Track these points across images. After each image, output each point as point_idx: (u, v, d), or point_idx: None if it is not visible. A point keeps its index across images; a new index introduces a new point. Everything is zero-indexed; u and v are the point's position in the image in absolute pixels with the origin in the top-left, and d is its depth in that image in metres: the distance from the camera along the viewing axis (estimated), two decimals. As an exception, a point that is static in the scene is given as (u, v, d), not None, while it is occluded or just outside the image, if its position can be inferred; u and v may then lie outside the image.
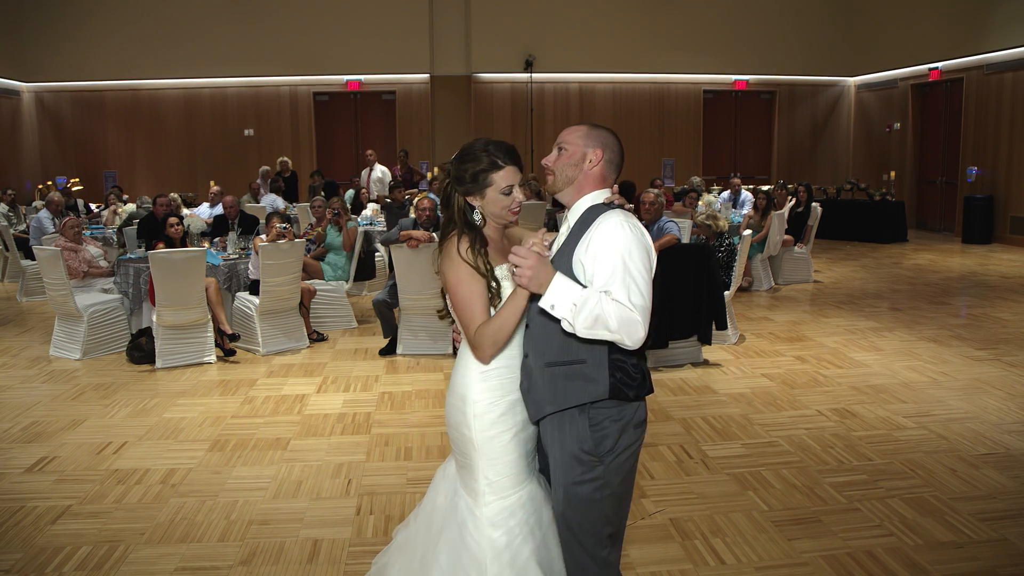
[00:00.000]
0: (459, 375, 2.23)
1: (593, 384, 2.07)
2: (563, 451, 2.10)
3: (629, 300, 1.97)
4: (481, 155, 2.19)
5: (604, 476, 2.08)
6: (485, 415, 2.17)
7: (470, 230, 2.20)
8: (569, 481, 2.09)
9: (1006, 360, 5.96)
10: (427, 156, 15.09)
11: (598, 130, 2.19)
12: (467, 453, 2.21)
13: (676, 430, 4.63)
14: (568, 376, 2.08)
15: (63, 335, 6.57)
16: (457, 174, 2.21)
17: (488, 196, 2.20)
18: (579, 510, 2.09)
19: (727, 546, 3.31)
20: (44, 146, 15.24)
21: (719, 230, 7.31)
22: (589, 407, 2.08)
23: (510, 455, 2.18)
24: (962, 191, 13.38)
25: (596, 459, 2.07)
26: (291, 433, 4.71)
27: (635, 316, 1.96)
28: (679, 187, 13.11)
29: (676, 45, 15.47)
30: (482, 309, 2.14)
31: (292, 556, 3.29)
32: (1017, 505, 3.63)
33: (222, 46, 14.68)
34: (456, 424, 2.22)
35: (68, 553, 3.34)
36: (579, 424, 2.08)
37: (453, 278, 2.16)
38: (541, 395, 2.12)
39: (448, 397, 2.28)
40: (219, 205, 9.63)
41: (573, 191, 2.17)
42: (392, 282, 6.49)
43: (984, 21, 12.69)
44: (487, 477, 2.18)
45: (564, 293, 1.97)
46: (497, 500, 2.18)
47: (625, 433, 2.10)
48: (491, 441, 2.17)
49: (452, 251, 2.17)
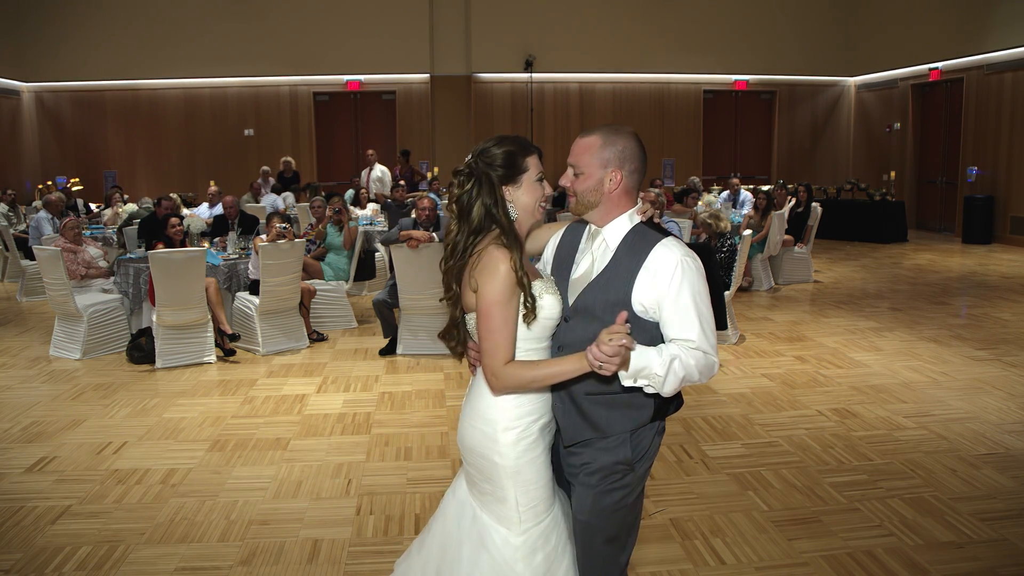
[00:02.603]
0: (486, 399, 2.03)
1: (639, 411, 2.02)
2: (597, 461, 2.04)
3: (709, 344, 1.95)
4: (506, 141, 2.04)
5: (632, 484, 2.06)
6: (520, 442, 2.01)
7: (511, 234, 1.99)
8: (601, 490, 2.03)
9: (1006, 360, 5.96)
10: (427, 156, 15.09)
11: (612, 140, 2.03)
12: (496, 480, 2.03)
13: (676, 430, 4.63)
14: (610, 405, 2.01)
15: (63, 335, 6.57)
16: (487, 159, 2.01)
17: (524, 184, 2.03)
18: (606, 517, 2.05)
19: (727, 546, 3.31)
20: (44, 146, 15.23)
21: (720, 230, 7.28)
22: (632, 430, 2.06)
23: (543, 478, 2.06)
24: (962, 191, 13.38)
25: (629, 468, 2.05)
26: (291, 433, 4.71)
27: (713, 359, 1.95)
28: (679, 187, 13.11)
29: (676, 45, 15.47)
30: (514, 337, 1.96)
31: (292, 556, 3.29)
32: (1017, 505, 3.63)
33: (222, 46, 14.68)
34: (484, 452, 2.03)
35: (68, 553, 3.34)
36: (619, 439, 2.04)
37: (492, 295, 1.93)
38: (580, 422, 2.03)
39: (471, 420, 2.07)
40: (218, 205, 9.63)
41: (601, 213, 2.06)
42: (392, 282, 6.49)
43: (984, 21, 12.68)
44: (521, 504, 2.03)
45: (646, 366, 1.88)
46: (535, 526, 2.05)
47: (654, 441, 2.10)
48: (526, 467, 2.02)
49: (499, 263, 1.94)
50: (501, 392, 1.99)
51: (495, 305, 1.93)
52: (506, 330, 1.94)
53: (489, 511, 2.07)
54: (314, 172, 15.34)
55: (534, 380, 1.94)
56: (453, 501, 2.17)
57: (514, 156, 2.02)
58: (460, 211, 2.04)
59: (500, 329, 1.93)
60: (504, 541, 2.04)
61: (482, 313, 1.95)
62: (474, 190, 2.03)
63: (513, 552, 2.02)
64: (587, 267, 2.07)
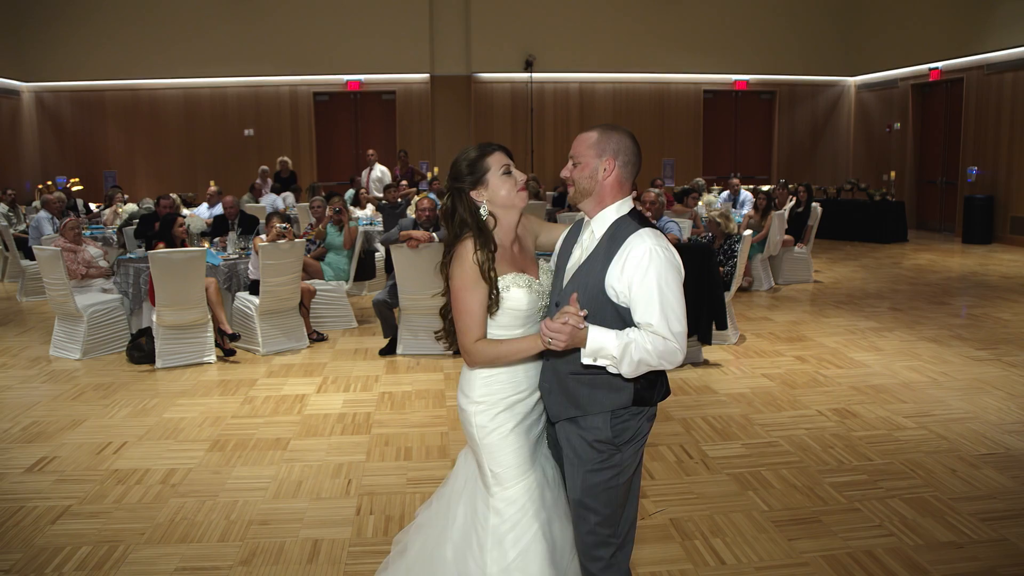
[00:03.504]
0: (465, 376, 2.35)
1: (618, 393, 2.14)
2: (582, 441, 2.17)
3: (669, 330, 2.03)
4: (468, 150, 2.30)
5: (620, 464, 2.16)
6: (483, 413, 2.28)
7: (482, 233, 2.24)
8: (587, 468, 2.16)
9: (1006, 360, 5.96)
10: (427, 156, 15.09)
11: (608, 134, 2.19)
12: (472, 446, 2.35)
13: (676, 430, 4.63)
14: (592, 384, 2.14)
15: (63, 335, 6.57)
16: (454, 174, 2.30)
17: (491, 183, 2.26)
18: (597, 496, 2.16)
19: (727, 546, 3.31)
20: (44, 146, 15.24)
21: (729, 231, 7.35)
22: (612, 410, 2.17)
23: (509, 448, 2.28)
24: (962, 191, 13.38)
25: (615, 448, 2.15)
26: (291, 433, 4.71)
27: (673, 345, 2.04)
28: (679, 187, 13.11)
29: (676, 45, 15.47)
30: (481, 319, 2.22)
31: (292, 556, 3.29)
32: (1017, 505, 3.63)
33: (222, 46, 14.68)
34: (464, 422, 2.36)
35: (68, 553, 3.34)
36: (600, 419, 2.15)
37: (459, 281, 2.22)
38: (564, 399, 2.19)
39: (457, 395, 2.40)
40: (218, 205, 9.64)
41: (593, 202, 2.20)
42: (392, 282, 6.49)
43: (984, 21, 12.68)
44: (491, 469, 2.29)
45: (602, 347, 2.02)
46: (501, 490, 2.28)
47: (641, 425, 2.19)
48: (490, 436, 2.28)
49: (464, 253, 2.22)
50: (474, 366, 2.28)
51: (462, 290, 2.21)
52: (473, 313, 2.20)
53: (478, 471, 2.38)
54: (314, 172, 15.34)
55: (499, 356, 2.21)
56: (463, 460, 2.48)
57: (474, 163, 2.28)
58: (446, 221, 2.35)
59: (468, 312, 2.21)
60: (482, 499, 2.34)
61: (453, 297, 2.25)
62: (450, 203, 2.33)
63: (485, 509, 2.31)
64: (577, 256, 2.24)
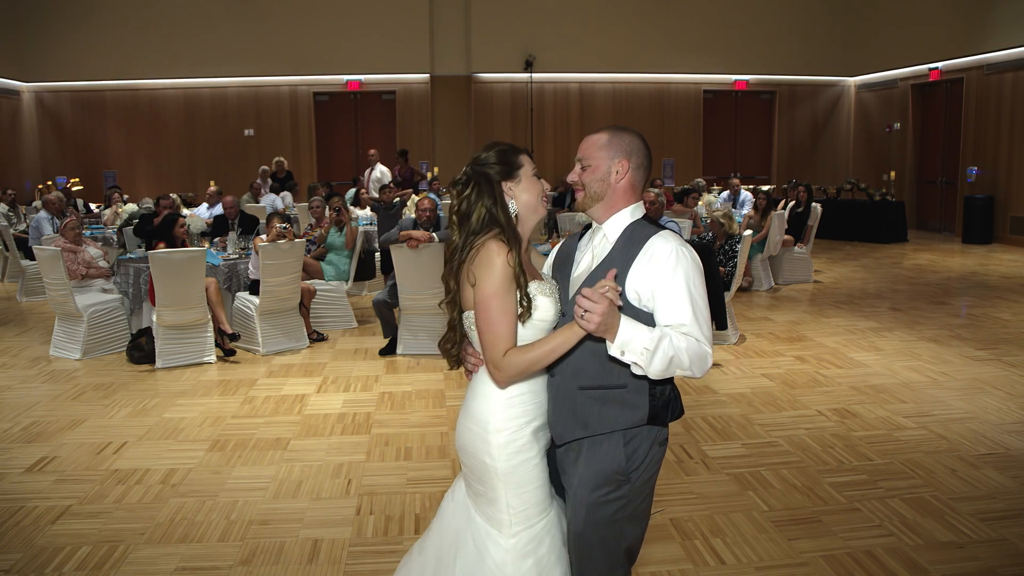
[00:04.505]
0: (479, 399, 2.05)
1: (632, 411, 1.98)
2: (589, 470, 2.00)
3: (702, 333, 1.92)
4: (496, 144, 2.10)
5: (628, 495, 2.01)
6: (510, 444, 2.01)
7: (510, 231, 2.00)
8: (593, 501, 1.99)
9: (1006, 360, 5.96)
10: (427, 156, 15.09)
11: (619, 136, 2.07)
12: (488, 482, 2.04)
13: (676, 430, 4.62)
14: (604, 400, 1.98)
15: (63, 335, 6.57)
16: (483, 162, 2.06)
17: (523, 179, 2.06)
18: (600, 529, 2.01)
19: (727, 546, 3.31)
20: (44, 146, 15.24)
21: (732, 231, 7.36)
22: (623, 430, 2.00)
23: (536, 482, 2.04)
24: (962, 191, 13.38)
25: (624, 478, 1.99)
26: (291, 433, 4.71)
27: (706, 349, 1.91)
28: (679, 187, 13.11)
29: (676, 45, 15.47)
30: (513, 329, 1.95)
31: (292, 556, 3.29)
32: (1017, 505, 3.63)
33: (222, 46, 14.68)
34: (475, 452, 2.05)
35: (68, 553, 3.34)
36: (611, 444, 1.99)
37: (490, 288, 1.93)
38: (571, 419, 2.00)
39: (464, 421, 2.09)
40: (218, 205, 9.63)
41: (604, 207, 2.07)
42: (392, 282, 6.50)
43: (984, 21, 12.68)
44: (512, 507, 2.02)
45: (634, 338, 1.85)
46: (525, 529, 2.03)
47: (652, 451, 2.03)
48: (517, 470, 2.01)
49: (493, 255, 1.95)
50: (506, 383, 1.99)
51: (493, 298, 1.93)
52: (505, 321, 1.94)
53: (482, 512, 2.08)
54: (314, 172, 15.34)
55: (534, 361, 1.92)
56: (451, 503, 2.19)
57: (507, 153, 2.07)
58: (460, 219, 2.06)
59: (499, 321, 1.93)
60: (495, 543, 2.04)
61: (480, 306, 1.96)
62: (472, 194, 2.05)
63: (503, 555, 2.02)
64: (588, 263, 2.08)
